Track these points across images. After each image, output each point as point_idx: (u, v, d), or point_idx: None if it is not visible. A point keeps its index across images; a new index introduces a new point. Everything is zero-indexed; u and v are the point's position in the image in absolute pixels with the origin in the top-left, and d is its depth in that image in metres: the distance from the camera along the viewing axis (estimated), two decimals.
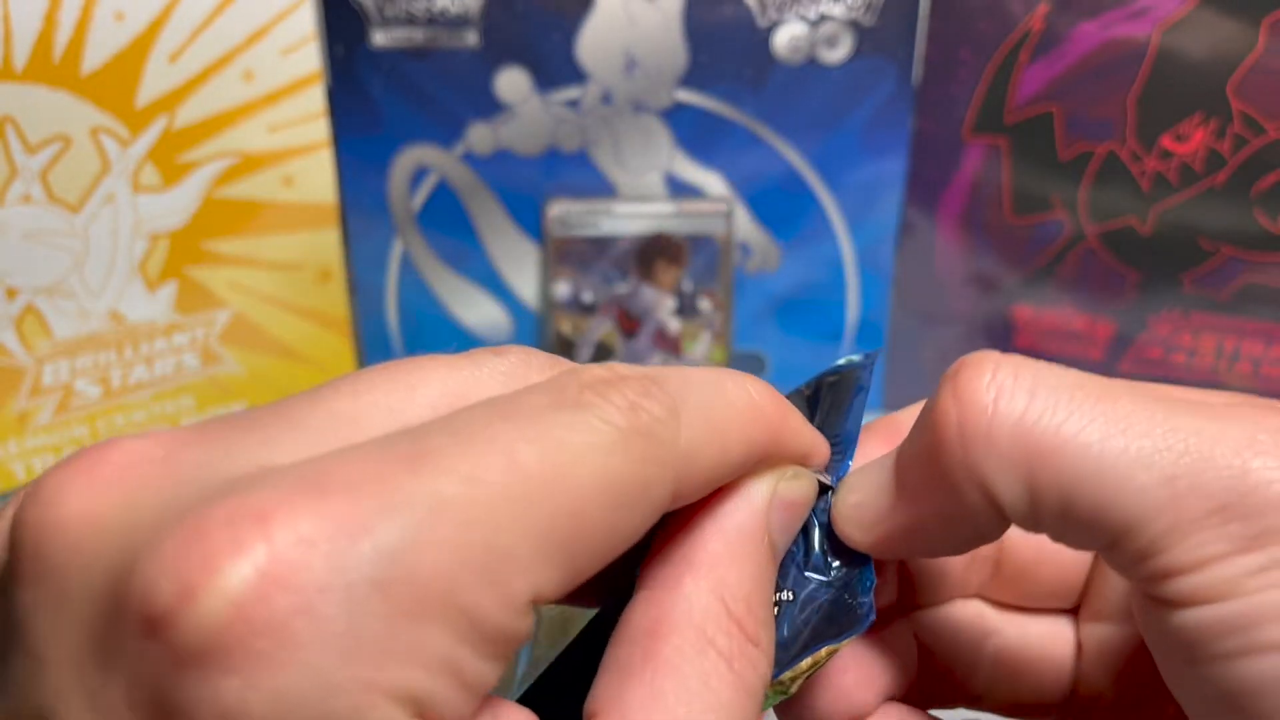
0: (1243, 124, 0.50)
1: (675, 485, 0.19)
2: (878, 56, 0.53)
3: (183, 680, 0.15)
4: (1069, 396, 0.20)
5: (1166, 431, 0.19)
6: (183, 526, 0.15)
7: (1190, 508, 0.19)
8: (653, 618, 0.19)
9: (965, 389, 0.20)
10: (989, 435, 0.20)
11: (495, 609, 0.16)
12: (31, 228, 0.49)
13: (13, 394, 0.51)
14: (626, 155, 0.55)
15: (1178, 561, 0.19)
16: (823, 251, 0.57)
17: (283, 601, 0.15)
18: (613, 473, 0.18)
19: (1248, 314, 0.53)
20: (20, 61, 0.46)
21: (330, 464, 0.16)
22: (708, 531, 0.21)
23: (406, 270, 0.58)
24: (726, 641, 0.19)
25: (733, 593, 0.20)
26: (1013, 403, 0.20)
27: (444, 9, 0.51)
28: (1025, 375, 0.20)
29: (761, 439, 0.21)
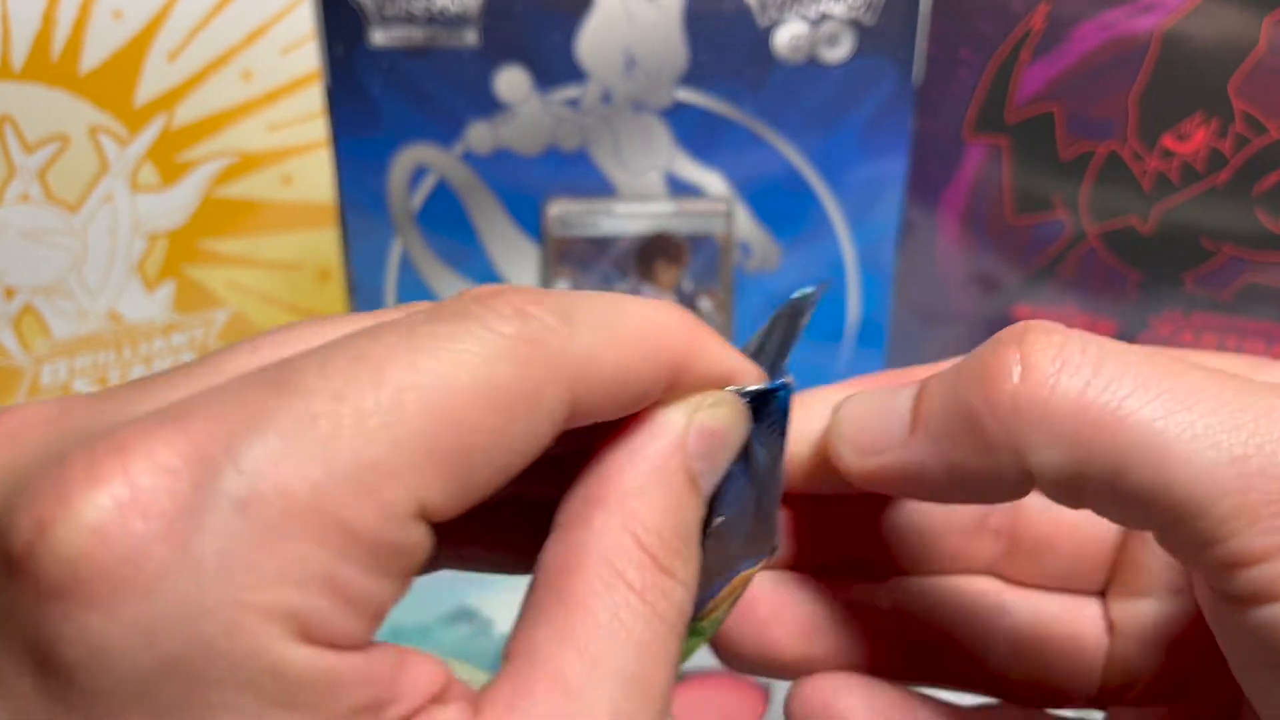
0: (1245, 123, 0.50)
1: (571, 394, 0.18)
2: (878, 56, 0.53)
3: (46, 616, 0.15)
4: (1135, 372, 0.19)
5: (1236, 410, 0.18)
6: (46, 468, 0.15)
7: (1259, 490, 0.18)
8: (561, 556, 0.19)
9: (1032, 353, 0.20)
10: (1046, 406, 0.19)
11: (373, 520, 0.16)
12: (30, 227, 0.49)
13: (11, 394, 0.51)
14: (626, 154, 0.55)
15: (1246, 549, 0.18)
16: (823, 251, 0.57)
17: (141, 527, 0.15)
18: (495, 377, 0.17)
19: (1249, 314, 0.53)
20: (18, 60, 0.46)
21: (195, 399, 0.16)
22: (619, 464, 0.20)
23: (406, 270, 0.58)
24: (638, 574, 0.19)
25: (644, 525, 0.19)
26: (1076, 377, 0.19)
27: (443, 8, 0.51)
28: (1092, 349, 0.19)
29: (670, 354, 0.20)
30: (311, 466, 0.16)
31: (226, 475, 0.15)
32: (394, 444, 0.16)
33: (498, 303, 0.18)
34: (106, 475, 0.15)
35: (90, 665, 0.15)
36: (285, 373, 0.16)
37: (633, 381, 0.19)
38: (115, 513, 0.15)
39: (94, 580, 0.15)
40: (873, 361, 0.60)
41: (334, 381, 0.16)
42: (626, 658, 0.18)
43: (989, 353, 0.20)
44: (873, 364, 0.60)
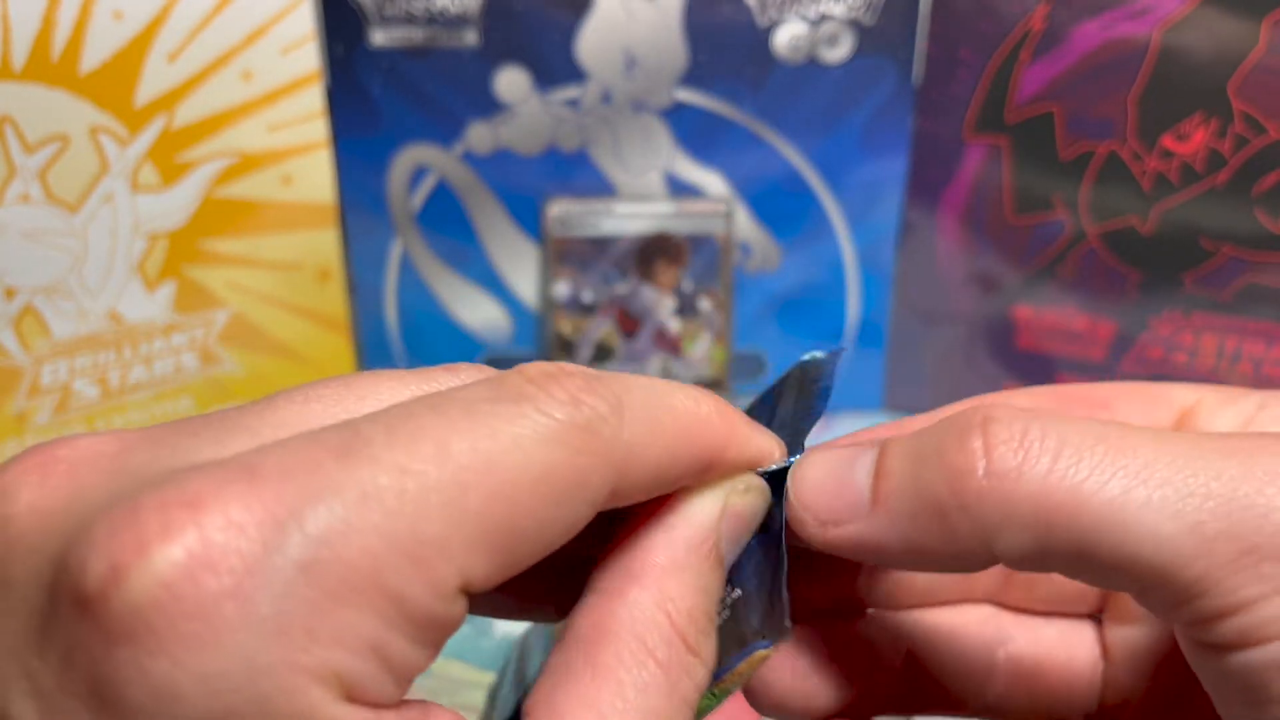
0: (1244, 124, 0.50)
1: (615, 481, 0.19)
2: (878, 56, 0.53)
3: (114, 659, 0.15)
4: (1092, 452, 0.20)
5: (1188, 476, 0.19)
6: (118, 512, 0.16)
7: (1221, 552, 0.19)
8: (595, 624, 0.20)
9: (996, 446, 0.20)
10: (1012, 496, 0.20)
11: (422, 594, 0.17)
12: (30, 227, 0.49)
13: (11, 394, 0.51)
14: (626, 155, 0.55)
15: (1217, 606, 0.19)
16: (823, 251, 0.57)
17: (211, 584, 0.15)
18: (548, 463, 0.18)
19: (1249, 314, 0.53)
20: (19, 61, 0.46)
21: (263, 455, 0.17)
22: (657, 542, 0.21)
23: (406, 270, 0.58)
24: (666, 652, 0.20)
25: (676, 605, 0.20)
26: (1039, 465, 0.20)
27: (443, 8, 0.51)
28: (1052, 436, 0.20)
29: (708, 444, 0.21)
30: (372, 538, 0.16)
31: (293, 539, 0.16)
32: (449, 522, 0.17)
33: (555, 388, 0.19)
34: (180, 528, 0.16)
35: (152, 710, 0.15)
36: (352, 438, 0.17)
37: (671, 470, 0.20)
38: (188, 567, 0.15)
39: (164, 630, 0.15)
40: (873, 361, 0.60)
41: (398, 454, 0.17)
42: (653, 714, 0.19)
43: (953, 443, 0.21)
44: (873, 363, 0.60)
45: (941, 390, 0.60)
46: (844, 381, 0.61)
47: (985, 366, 0.58)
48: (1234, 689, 0.19)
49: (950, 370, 0.59)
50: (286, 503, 0.16)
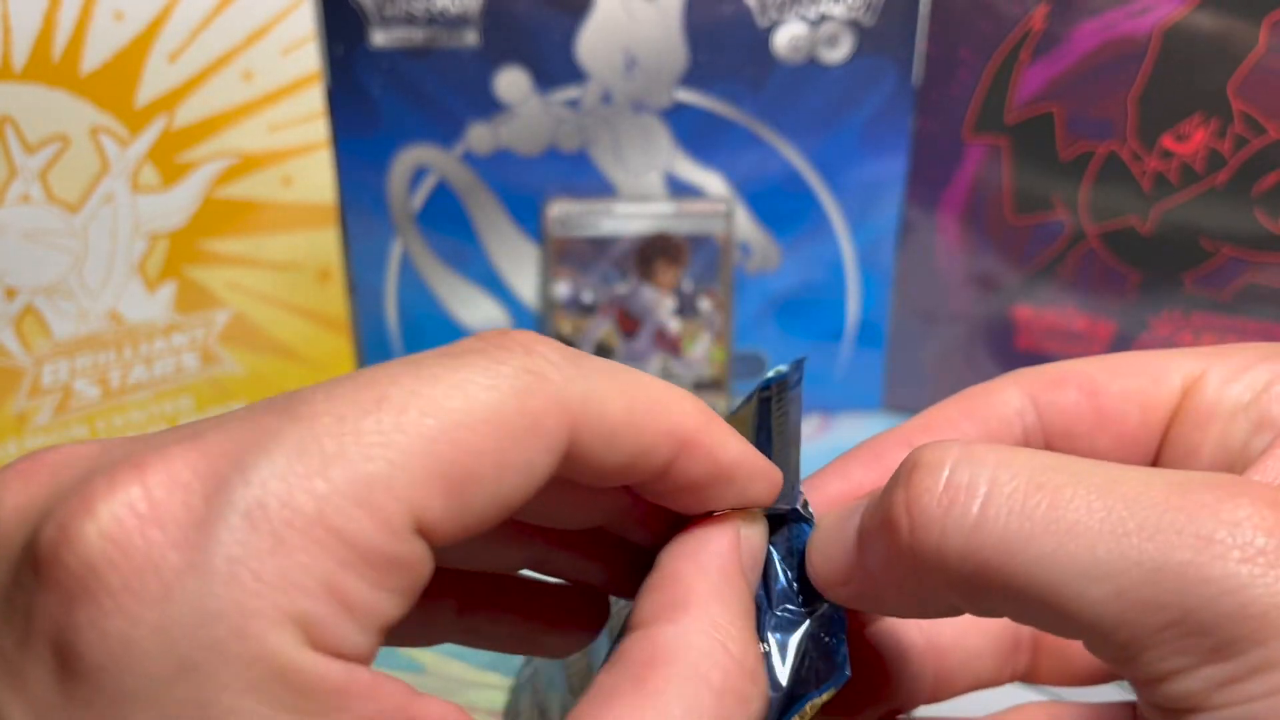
0: (1243, 124, 0.50)
1: (571, 430, 0.19)
2: (878, 56, 0.53)
3: (72, 619, 0.16)
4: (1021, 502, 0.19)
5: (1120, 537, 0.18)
6: (74, 487, 0.17)
7: (1146, 622, 0.18)
8: (648, 651, 0.20)
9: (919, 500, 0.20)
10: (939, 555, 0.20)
11: (372, 532, 0.17)
12: (30, 228, 0.49)
13: (12, 394, 0.51)
14: (626, 155, 0.55)
15: (1146, 673, 0.19)
16: (823, 251, 0.57)
17: (157, 536, 0.16)
18: (494, 403, 0.18)
19: (1249, 314, 0.53)
20: (19, 61, 0.46)
21: (208, 423, 0.18)
22: (690, 569, 0.21)
23: (406, 270, 0.58)
24: (721, 678, 0.19)
25: (726, 631, 0.20)
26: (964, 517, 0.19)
27: (444, 9, 0.51)
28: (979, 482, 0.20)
29: (678, 421, 0.21)
30: (314, 481, 0.17)
31: (236, 489, 0.16)
32: (392, 462, 0.17)
33: (506, 340, 0.19)
34: (124, 487, 0.16)
35: (111, 666, 0.16)
36: (293, 400, 0.18)
37: (634, 434, 0.20)
38: (134, 521, 0.16)
39: (116, 584, 0.16)
40: (872, 361, 0.60)
41: (338, 405, 0.18)
42: None
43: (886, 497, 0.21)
44: (872, 364, 0.60)
45: (941, 390, 0.60)
46: (843, 381, 0.61)
47: (985, 366, 0.58)
48: None
49: (950, 370, 0.59)
50: (229, 457, 0.17)
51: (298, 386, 0.61)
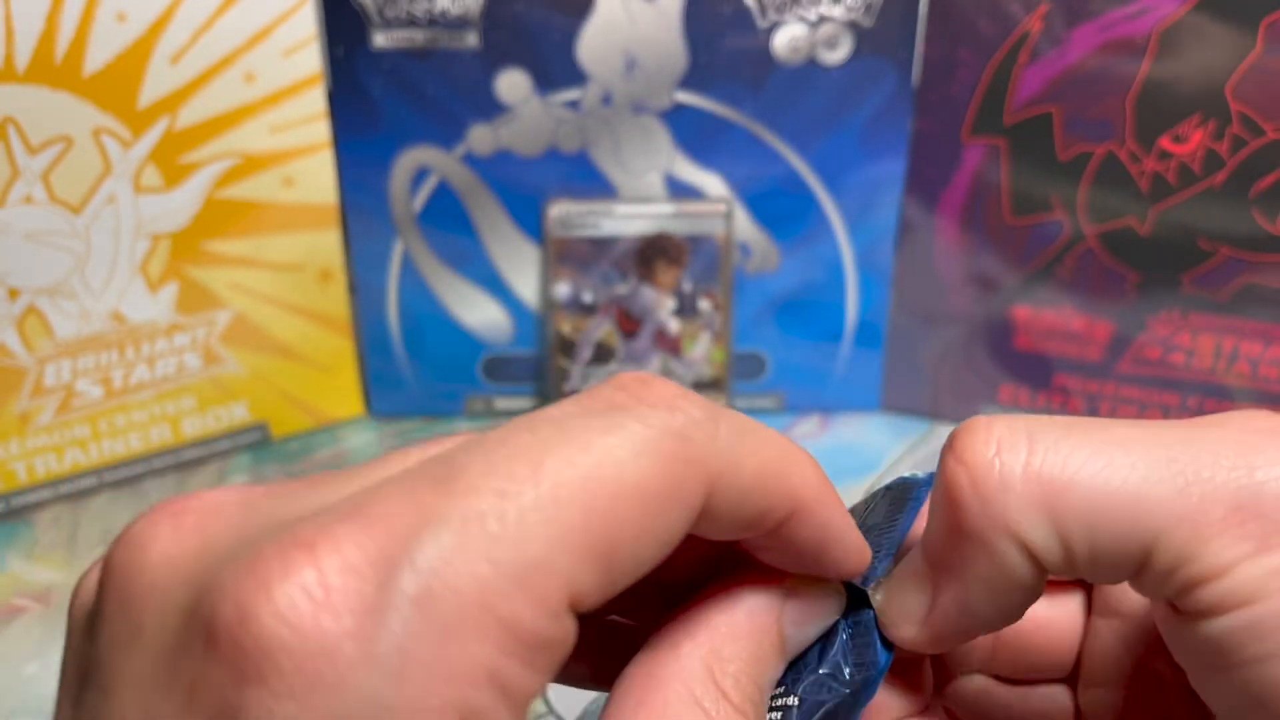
0: (1241, 125, 0.50)
1: (709, 491, 0.19)
2: (877, 57, 0.53)
3: (242, 698, 0.16)
4: (1066, 436, 0.20)
5: (1167, 446, 0.20)
6: (244, 559, 0.17)
7: (1207, 512, 0.19)
8: (648, 671, 0.20)
9: (967, 450, 0.21)
10: (1003, 485, 0.20)
11: (533, 616, 0.17)
12: (33, 228, 0.49)
13: (14, 394, 0.52)
14: (626, 156, 0.55)
15: (1203, 569, 0.19)
16: (822, 252, 0.57)
17: (332, 625, 0.16)
18: (644, 470, 0.18)
19: (1246, 314, 0.53)
20: (22, 62, 0.46)
21: (369, 495, 0.17)
22: (719, 605, 0.21)
23: (407, 271, 0.58)
24: (714, 706, 0.20)
25: (724, 667, 0.20)
26: (1015, 452, 0.20)
27: (444, 10, 0.52)
28: (1019, 427, 0.21)
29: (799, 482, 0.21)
30: (480, 565, 0.16)
31: (405, 574, 0.16)
32: (551, 540, 0.17)
33: (649, 394, 0.19)
34: (298, 569, 0.16)
35: None
36: (451, 470, 0.17)
37: (761, 496, 0.20)
38: (309, 606, 0.16)
39: (290, 670, 0.16)
40: (871, 361, 0.60)
41: (497, 479, 0.17)
42: None
43: (939, 471, 0.22)
44: (871, 364, 0.60)
45: (940, 391, 0.60)
46: (842, 382, 0.61)
47: (983, 366, 0.59)
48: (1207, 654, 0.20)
49: (949, 370, 0.59)
50: (396, 539, 0.16)
51: (299, 386, 0.61)
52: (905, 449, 0.59)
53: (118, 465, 0.56)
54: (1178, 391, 0.56)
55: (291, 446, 0.59)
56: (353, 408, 0.61)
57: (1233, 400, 0.55)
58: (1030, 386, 0.58)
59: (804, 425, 0.61)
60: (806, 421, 0.61)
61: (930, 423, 0.61)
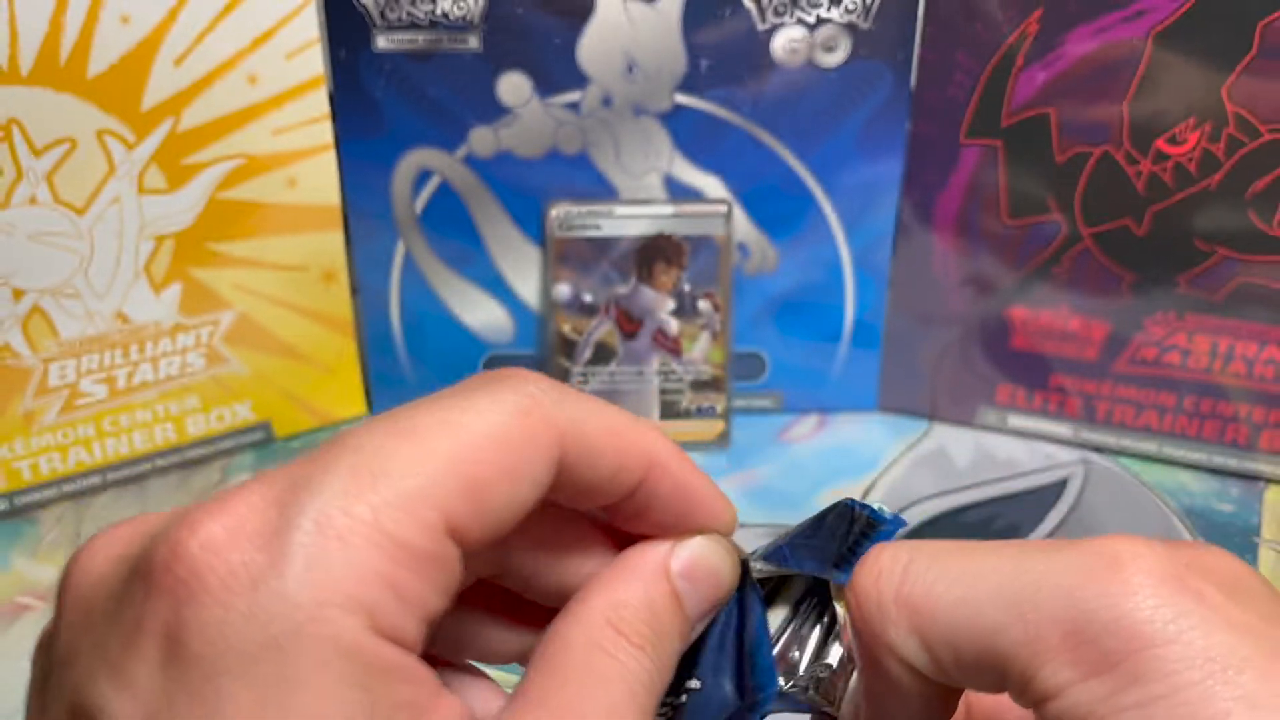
0: (1238, 126, 0.50)
1: (561, 446, 0.23)
2: (874, 60, 0.53)
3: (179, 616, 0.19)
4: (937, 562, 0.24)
5: (1018, 573, 0.22)
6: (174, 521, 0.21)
7: (1044, 636, 0.21)
8: (554, 632, 0.24)
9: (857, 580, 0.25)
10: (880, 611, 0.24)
11: (417, 534, 0.21)
12: (37, 229, 0.49)
13: (19, 394, 0.52)
14: (626, 158, 0.56)
15: (1043, 688, 0.22)
16: (820, 253, 0.58)
17: (246, 545, 0.20)
18: (502, 425, 0.22)
19: (1242, 315, 0.53)
20: (26, 64, 0.46)
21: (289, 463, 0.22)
22: (612, 571, 0.25)
23: (409, 271, 0.58)
24: (612, 644, 0.23)
25: (618, 612, 0.24)
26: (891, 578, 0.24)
27: (446, 13, 0.52)
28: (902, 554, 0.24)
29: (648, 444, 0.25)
30: (368, 496, 0.20)
31: (305, 505, 0.20)
32: (426, 475, 0.21)
33: (504, 375, 0.23)
34: (216, 513, 0.20)
35: (209, 651, 0.19)
36: (342, 437, 0.22)
37: (614, 453, 0.24)
38: (225, 535, 0.20)
39: (215, 584, 0.19)
40: (868, 362, 0.61)
41: (378, 438, 0.21)
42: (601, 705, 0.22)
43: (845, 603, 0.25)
44: (868, 365, 0.61)
45: (937, 391, 0.60)
46: (840, 382, 0.61)
47: (980, 367, 0.59)
48: None
49: (946, 371, 0.60)
50: (295, 483, 0.21)
51: (302, 386, 0.62)
52: (903, 449, 0.59)
53: (121, 464, 0.56)
54: (1174, 391, 0.56)
55: (294, 446, 0.60)
56: (355, 407, 0.61)
57: (1228, 399, 0.55)
58: (1027, 387, 0.58)
59: (802, 425, 0.61)
60: (804, 421, 0.61)
61: (928, 423, 0.61)
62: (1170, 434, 0.57)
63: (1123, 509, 0.55)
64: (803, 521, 0.28)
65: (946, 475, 0.57)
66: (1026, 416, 0.59)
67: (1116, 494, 0.56)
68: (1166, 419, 0.57)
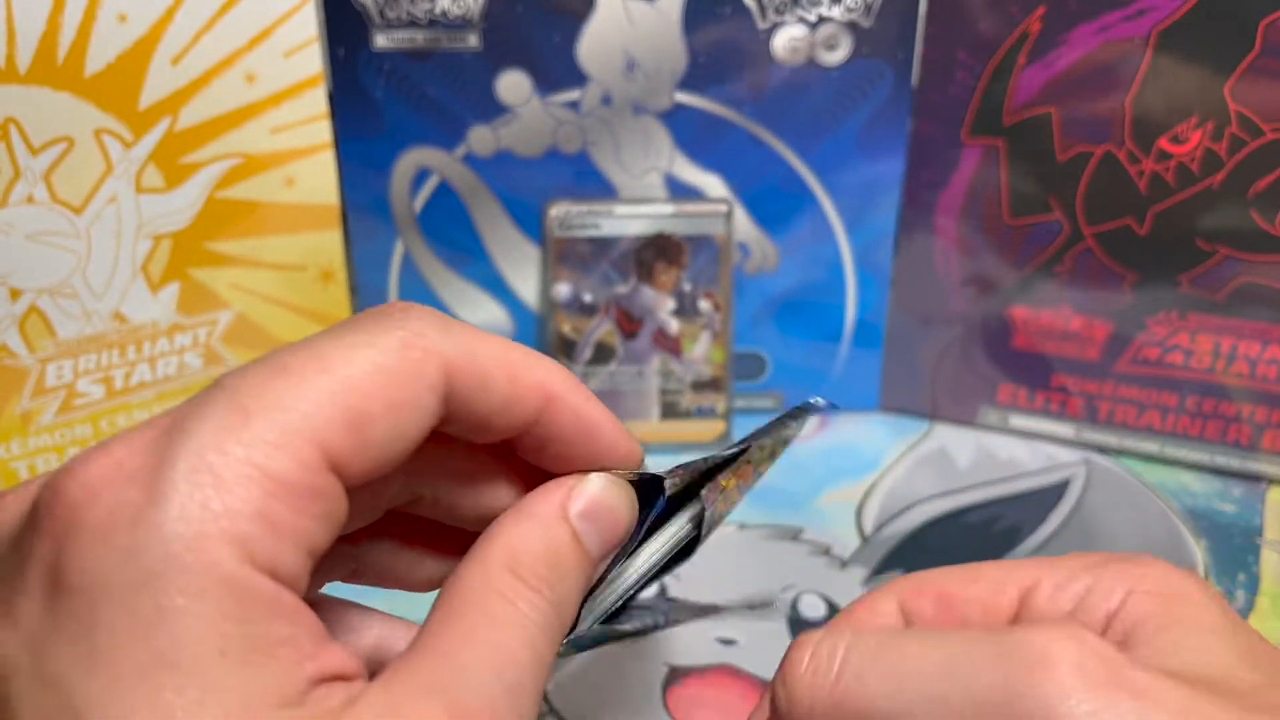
0: (1240, 125, 0.50)
1: (447, 376, 0.23)
2: (876, 59, 0.53)
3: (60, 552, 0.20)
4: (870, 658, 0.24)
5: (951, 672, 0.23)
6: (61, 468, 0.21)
7: None
8: (456, 574, 0.24)
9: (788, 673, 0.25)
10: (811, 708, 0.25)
11: (293, 469, 0.21)
12: (35, 229, 0.49)
13: (16, 394, 0.52)
14: (626, 157, 0.56)
15: None
16: (821, 252, 0.58)
17: (122, 482, 0.20)
18: (381, 359, 0.22)
19: (1244, 314, 0.53)
20: (24, 63, 0.46)
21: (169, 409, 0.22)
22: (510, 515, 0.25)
23: (408, 271, 0.58)
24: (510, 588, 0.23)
25: (517, 557, 0.24)
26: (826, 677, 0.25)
27: (445, 11, 0.52)
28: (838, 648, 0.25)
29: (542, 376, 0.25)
30: (242, 433, 0.21)
31: (179, 445, 0.21)
32: (301, 412, 0.21)
33: (386, 310, 0.24)
34: (96, 456, 0.21)
35: (90, 583, 0.20)
36: (217, 381, 0.22)
37: (507, 384, 0.24)
38: (103, 474, 0.21)
39: (92, 520, 0.20)
40: (870, 362, 0.60)
41: (251, 378, 0.22)
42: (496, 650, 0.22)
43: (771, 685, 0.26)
44: (870, 364, 0.60)
45: (938, 391, 0.60)
46: (841, 382, 0.61)
47: (982, 367, 0.59)
48: None
49: (947, 371, 0.59)
50: (173, 425, 0.21)
51: None
52: (904, 449, 0.59)
53: None
54: (1176, 391, 0.56)
55: None
56: None
57: (1230, 400, 0.55)
58: (1029, 386, 0.58)
59: None
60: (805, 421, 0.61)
61: (929, 423, 0.61)
62: (1172, 434, 0.57)
63: (1125, 510, 0.55)
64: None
65: (948, 476, 0.57)
66: (1028, 417, 0.59)
67: (1118, 494, 0.56)
68: (1169, 419, 0.57)
